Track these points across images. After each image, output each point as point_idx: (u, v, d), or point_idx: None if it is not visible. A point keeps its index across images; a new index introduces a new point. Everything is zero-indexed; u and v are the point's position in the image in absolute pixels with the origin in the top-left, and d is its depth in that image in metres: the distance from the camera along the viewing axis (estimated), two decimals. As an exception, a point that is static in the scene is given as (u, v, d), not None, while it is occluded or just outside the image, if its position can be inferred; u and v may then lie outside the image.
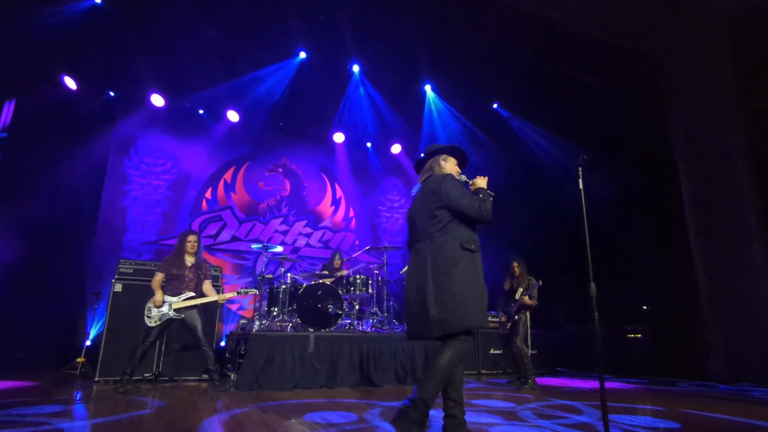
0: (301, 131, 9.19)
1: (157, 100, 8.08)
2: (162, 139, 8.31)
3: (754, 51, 6.42)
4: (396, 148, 9.87)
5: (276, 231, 8.87)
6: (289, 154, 9.33)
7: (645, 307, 8.59)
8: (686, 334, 7.09)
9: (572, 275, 8.42)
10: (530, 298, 5.74)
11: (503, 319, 5.99)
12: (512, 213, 9.29)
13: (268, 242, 8.31)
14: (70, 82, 7.43)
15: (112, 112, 7.99)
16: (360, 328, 6.15)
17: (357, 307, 6.49)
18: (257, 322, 5.62)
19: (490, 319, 7.30)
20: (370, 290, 6.48)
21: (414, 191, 3.00)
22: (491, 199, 2.71)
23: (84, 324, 6.81)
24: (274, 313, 6.03)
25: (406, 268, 7.18)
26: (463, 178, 2.96)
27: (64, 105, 7.35)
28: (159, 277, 4.88)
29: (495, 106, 9.17)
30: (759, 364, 5.78)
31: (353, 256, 8.43)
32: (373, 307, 6.50)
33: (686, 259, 6.86)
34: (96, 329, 6.64)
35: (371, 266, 6.93)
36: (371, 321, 6.30)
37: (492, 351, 7.54)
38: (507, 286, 6.05)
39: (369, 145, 9.88)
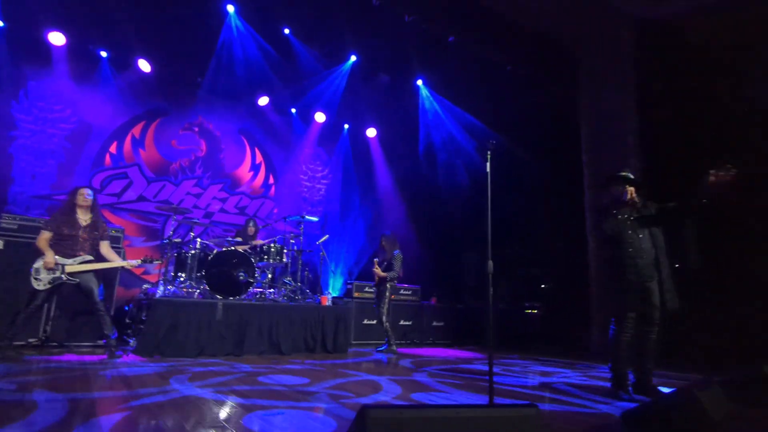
0: (222, 90, 8.64)
1: (56, 39, 7.19)
2: (59, 83, 7.44)
3: (652, 51, 7.10)
4: (320, 117, 9.66)
5: (188, 193, 8.41)
6: (207, 112, 8.80)
7: (543, 286, 9.37)
8: (574, 311, 7.85)
9: (481, 253, 8.95)
10: (383, 270, 6.36)
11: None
12: (425, 195, 9.61)
13: (178, 205, 7.89)
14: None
15: (-4, 45, 7.00)
16: (271, 297, 6.10)
17: (270, 276, 6.42)
18: (161, 287, 5.36)
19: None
20: (284, 259, 6.43)
21: None
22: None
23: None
24: (181, 279, 5.79)
25: (324, 238, 7.24)
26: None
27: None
28: (46, 235, 4.46)
29: (420, 82, 9.33)
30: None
31: (270, 224, 8.27)
32: (286, 277, 6.46)
33: (582, 243, 7.53)
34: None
35: (287, 235, 6.83)
36: (283, 290, 6.27)
37: (402, 322, 7.83)
38: (380, 259, 6.59)
39: (293, 111, 9.59)
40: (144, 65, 7.90)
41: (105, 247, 4.75)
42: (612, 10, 7.07)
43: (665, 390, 3.46)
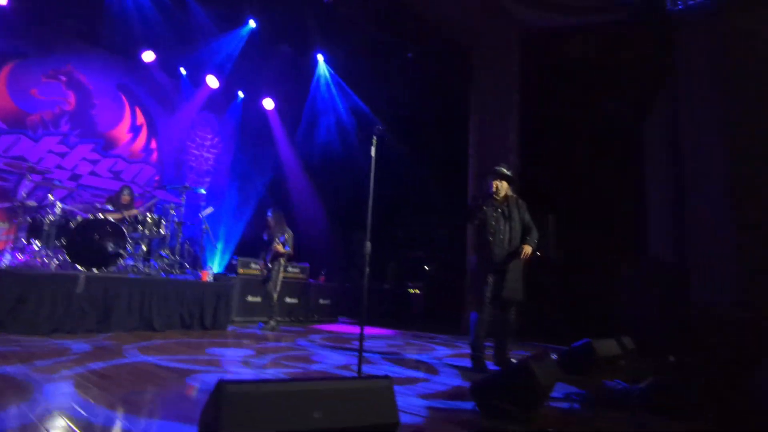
0: (98, 38, 7.67)
1: None
2: None
3: (536, 59, 7.76)
4: (213, 81, 9.01)
5: (50, 151, 7.42)
6: (78, 61, 7.77)
7: (426, 268, 9.93)
8: (452, 292, 8.45)
9: (372, 235, 9.22)
10: (283, 246, 6.27)
11: (262, 266, 6.43)
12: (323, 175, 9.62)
13: (37, 164, 6.95)
14: None
15: None
16: (145, 270, 5.70)
17: (145, 248, 5.98)
18: (8, 256, 4.74)
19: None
20: (162, 231, 6.02)
21: None
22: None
23: None
24: (35, 247, 5.16)
25: (207, 210, 6.89)
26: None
27: None
28: None
29: (321, 57, 9.19)
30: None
31: (153, 199, 7.66)
32: (163, 249, 6.07)
33: (463, 230, 8.08)
34: None
35: (167, 205, 6.39)
36: (159, 264, 5.88)
37: (288, 299, 7.77)
38: (267, 236, 6.49)
39: (183, 71, 8.85)
40: (-3, -3, 6.73)
41: (-67, 207, 4.05)
42: (504, 17, 7.56)
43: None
